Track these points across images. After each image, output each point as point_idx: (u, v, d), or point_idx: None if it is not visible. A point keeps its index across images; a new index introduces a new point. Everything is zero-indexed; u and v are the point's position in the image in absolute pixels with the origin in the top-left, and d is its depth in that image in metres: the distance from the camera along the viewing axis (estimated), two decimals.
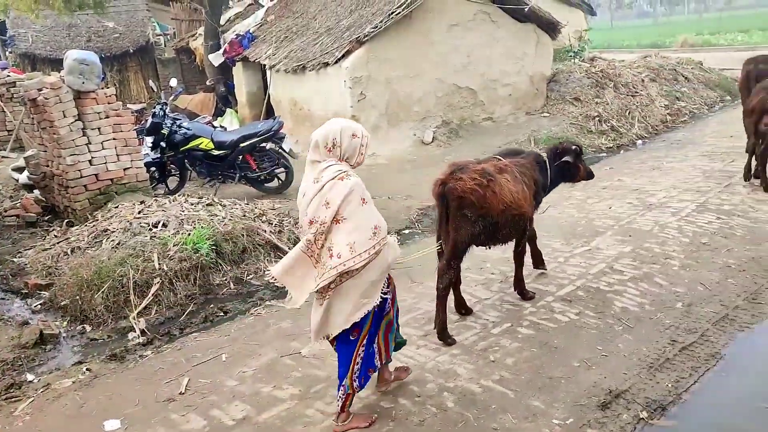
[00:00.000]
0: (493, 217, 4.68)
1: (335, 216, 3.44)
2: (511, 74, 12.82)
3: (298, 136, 12.60)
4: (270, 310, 5.83)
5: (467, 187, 4.54)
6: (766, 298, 5.28)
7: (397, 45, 11.21)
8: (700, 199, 7.76)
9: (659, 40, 34.91)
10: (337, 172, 3.51)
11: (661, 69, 15.71)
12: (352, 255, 3.43)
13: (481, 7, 12.06)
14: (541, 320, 5.04)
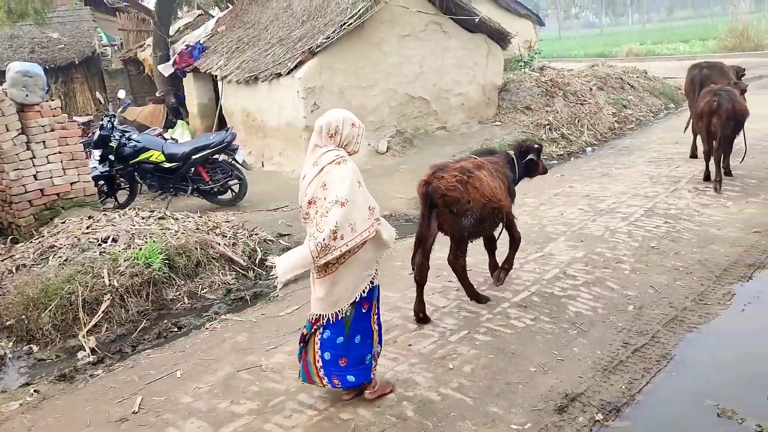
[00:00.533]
0: (476, 210, 5.05)
1: (337, 198, 3.66)
2: (464, 84, 12.97)
3: (252, 147, 12.49)
4: (225, 323, 5.72)
5: (450, 185, 4.91)
6: (713, 299, 5.45)
7: (350, 55, 11.23)
8: (648, 204, 7.96)
9: (606, 50, 35.88)
10: (335, 156, 3.78)
11: (608, 78, 16.13)
12: (353, 235, 3.70)
13: (433, 18, 12.18)
14: (497, 327, 5.08)
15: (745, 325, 5.08)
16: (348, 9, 11.21)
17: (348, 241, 3.69)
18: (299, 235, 7.82)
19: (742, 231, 6.94)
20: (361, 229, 3.73)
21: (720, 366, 4.52)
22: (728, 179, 8.70)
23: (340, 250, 3.69)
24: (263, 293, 6.45)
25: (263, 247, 7.29)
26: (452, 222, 5.05)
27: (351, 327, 3.96)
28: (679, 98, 17.17)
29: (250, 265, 6.96)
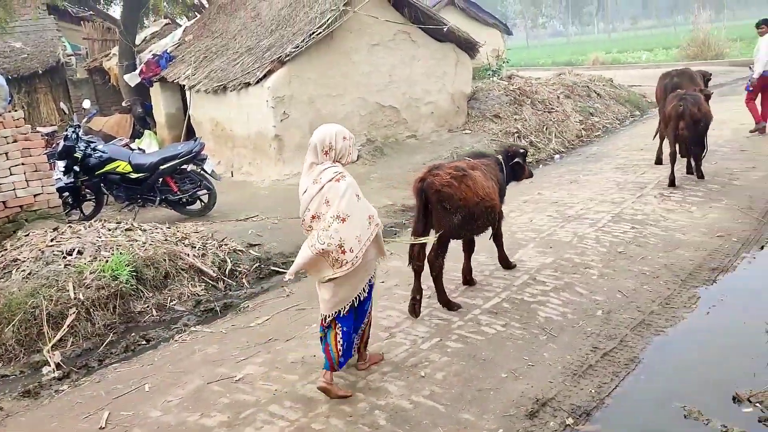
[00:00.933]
0: (470, 208, 5.26)
1: (338, 214, 4.00)
2: (433, 92, 13.06)
3: (221, 157, 12.40)
4: (195, 335, 5.65)
5: (444, 181, 5.11)
6: (679, 303, 5.54)
7: (320, 64, 11.23)
8: (615, 210, 8.08)
9: (572, 59, 36.50)
10: (334, 174, 4.08)
11: (575, 86, 16.38)
12: (360, 245, 4.08)
13: (401, 28, 12.25)
14: (469, 333, 5.10)
15: (709, 328, 5.18)
16: (317, 18, 11.23)
17: (358, 252, 4.07)
18: (269, 244, 7.79)
19: (705, 235, 7.08)
20: (365, 238, 4.13)
21: (686, 368, 4.60)
22: (692, 185, 8.89)
23: (353, 262, 4.06)
24: (233, 304, 6.40)
25: (233, 257, 7.23)
26: (442, 218, 5.20)
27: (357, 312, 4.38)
28: (644, 106, 17.51)
29: (219, 275, 6.89)
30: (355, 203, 4.09)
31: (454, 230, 5.33)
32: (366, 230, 4.14)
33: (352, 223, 4.05)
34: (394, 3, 12.13)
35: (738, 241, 6.90)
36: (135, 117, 15.17)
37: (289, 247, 7.82)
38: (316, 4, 11.81)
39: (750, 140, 11.34)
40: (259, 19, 13.44)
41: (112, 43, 17.43)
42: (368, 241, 4.15)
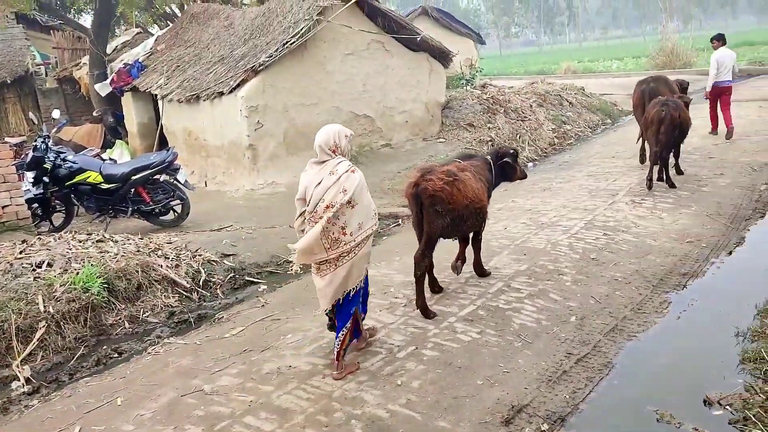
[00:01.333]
0: (459, 210, 5.49)
1: (350, 200, 4.37)
2: (407, 102, 13.12)
3: (194, 166, 12.30)
4: (168, 347, 5.58)
5: (437, 186, 5.31)
6: (650, 308, 5.62)
7: (294, 74, 11.22)
8: (588, 217, 8.17)
9: (545, 67, 36.98)
10: (349, 166, 4.48)
11: (548, 95, 16.59)
12: (360, 231, 4.45)
13: (375, 37, 12.31)
14: (444, 341, 5.10)
15: (680, 333, 5.26)
16: (290, 28, 11.22)
17: (356, 237, 4.43)
18: (244, 255, 7.75)
19: (676, 241, 7.20)
20: (367, 227, 4.50)
21: (658, 373, 4.65)
22: (662, 191, 9.04)
23: (349, 244, 4.43)
24: (208, 315, 6.34)
25: (207, 268, 7.16)
26: (434, 220, 5.40)
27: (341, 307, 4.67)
28: (615, 114, 17.81)
29: (193, 286, 6.83)
30: (365, 194, 4.52)
31: (445, 231, 5.56)
32: (369, 220, 4.51)
33: (358, 211, 4.43)
34: (368, 13, 12.18)
35: (707, 246, 7.03)
36: (106, 127, 14.98)
37: (264, 257, 7.80)
38: (289, 13, 11.81)
39: (717, 147, 11.57)
40: (232, 29, 13.40)
41: (83, 53, 17.22)
42: (369, 230, 4.52)
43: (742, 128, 12.96)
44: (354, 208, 4.42)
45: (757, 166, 10.21)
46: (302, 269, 7.42)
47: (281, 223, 9.04)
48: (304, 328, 5.59)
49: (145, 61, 14.50)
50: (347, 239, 4.42)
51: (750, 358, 4.58)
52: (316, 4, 11.24)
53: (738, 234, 7.44)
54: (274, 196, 10.55)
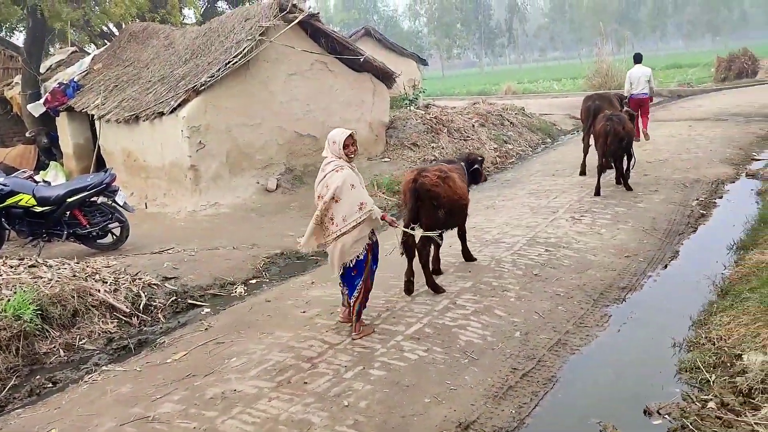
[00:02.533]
0: (449, 205, 6.25)
1: (333, 196, 5.19)
2: (351, 121, 13.14)
3: (134, 188, 12.00)
4: (107, 375, 5.37)
5: (433, 182, 6.09)
6: (592, 322, 5.75)
7: (237, 94, 11.11)
8: (530, 234, 8.32)
9: (486, 88, 37.77)
10: (335, 166, 5.28)
11: (489, 115, 16.92)
12: (345, 223, 5.25)
13: (318, 58, 12.33)
14: (391, 360, 5.09)
15: (621, 345, 5.39)
16: (233, 48, 11.14)
17: (341, 227, 5.26)
18: (186, 277, 7.59)
19: (614, 256, 7.40)
20: (351, 219, 5.24)
21: (600, 385, 4.76)
22: (601, 208, 9.30)
23: (336, 234, 5.28)
24: (148, 340, 6.15)
25: (148, 291, 6.97)
26: (431, 213, 6.15)
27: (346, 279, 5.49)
28: (554, 133, 18.30)
29: (133, 311, 6.63)
30: (348, 191, 5.23)
31: (439, 223, 6.25)
32: (354, 213, 5.24)
33: (342, 205, 5.22)
34: (311, 34, 12.21)
35: (644, 260, 7.26)
36: (40, 148, 14.47)
37: (207, 279, 7.64)
38: (231, 33, 11.73)
39: (651, 165, 12.01)
40: (172, 48, 13.20)
41: (15, 72, 16.62)
42: (354, 221, 5.24)
43: (674, 146, 13.52)
44: (338, 203, 5.23)
45: (689, 182, 10.64)
46: (246, 291, 7.35)
47: (224, 244, 8.89)
48: (248, 351, 5.47)
49: (81, 80, 14.11)
50: (334, 229, 5.29)
51: (686, 367, 4.73)
52: (259, 24, 11.20)
53: (672, 248, 7.72)
54: (218, 217, 10.38)
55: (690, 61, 45.07)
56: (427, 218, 6.15)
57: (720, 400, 4.14)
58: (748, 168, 11.70)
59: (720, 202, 9.63)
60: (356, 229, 5.27)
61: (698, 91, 27.01)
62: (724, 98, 23.09)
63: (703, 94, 25.84)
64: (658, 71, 38.75)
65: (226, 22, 12.34)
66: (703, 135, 15.13)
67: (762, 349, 4.39)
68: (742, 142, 14.16)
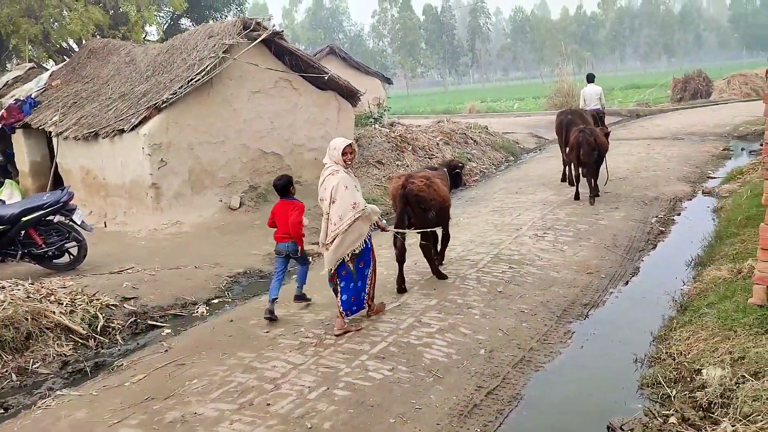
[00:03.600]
0: (434, 208, 6.86)
1: (331, 197, 5.81)
2: (316, 139, 13.12)
3: (93, 206, 11.75)
4: (61, 400, 5.19)
5: (420, 188, 6.71)
6: (555, 338, 5.78)
7: (199, 111, 11.00)
8: (494, 251, 8.37)
9: (450, 107, 38.14)
10: (331, 171, 5.91)
11: (453, 133, 17.08)
12: (341, 222, 5.80)
13: (283, 75, 12.30)
14: (356, 380, 5.03)
15: (584, 361, 5.43)
16: (195, 65, 11.04)
17: (339, 226, 5.80)
18: (147, 297, 7.44)
19: (577, 273, 7.48)
20: (346, 218, 5.79)
21: (564, 402, 4.77)
22: (563, 226, 9.41)
23: (335, 232, 5.82)
24: (106, 363, 5.99)
25: (106, 312, 6.79)
26: (421, 216, 6.80)
27: (356, 276, 6.01)
28: (517, 151, 18.54)
29: (90, 333, 6.45)
30: (342, 192, 5.80)
31: (428, 224, 6.88)
32: (348, 212, 5.78)
33: (337, 205, 5.81)
34: (275, 51, 12.18)
35: (606, 277, 7.35)
36: None
37: (168, 299, 7.50)
38: (194, 50, 11.63)
39: (612, 182, 12.22)
40: (133, 65, 13.03)
41: None
42: (350, 219, 5.77)
43: (633, 165, 13.80)
44: (335, 204, 5.81)
45: (648, 200, 10.86)
46: (208, 311, 7.22)
47: (186, 263, 8.74)
48: (210, 373, 5.35)
49: (39, 97, 13.81)
50: (332, 228, 5.84)
51: (648, 383, 4.78)
52: (222, 42, 11.13)
53: (633, 265, 7.84)
54: (179, 236, 10.20)
55: (647, 81, 46.32)
56: (416, 220, 6.82)
57: (681, 415, 4.18)
58: (704, 186, 12.02)
59: (678, 219, 9.84)
60: (353, 226, 5.81)
61: (656, 110, 27.69)
62: (680, 118, 23.74)
63: (660, 114, 26.51)
64: (617, 91, 39.84)
65: (188, 40, 12.23)
66: (661, 153, 15.50)
67: (720, 364, 4.46)
68: (698, 161, 14.55)
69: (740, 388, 4.15)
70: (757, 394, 4.00)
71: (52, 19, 16.80)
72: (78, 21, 15.23)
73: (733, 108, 25.30)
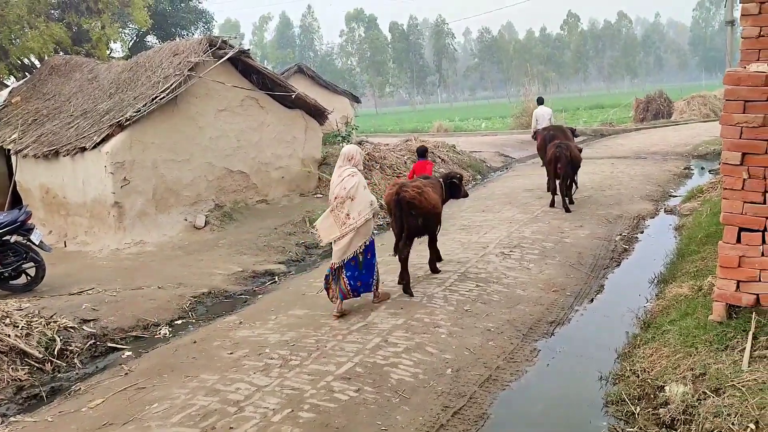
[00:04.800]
0: (424, 215, 7.43)
1: (348, 195, 6.60)
2: (283, 157, 13.07)
3: (52, 226, 11.50)
4: (15, 427, 5.01)
5: (413, 195, 7.28)
6: (521, 357, 5.78)
7: (164, 129, 10.87)
8: (461, 270, 8.36)
9: (418, 126, 38.42)
10: (351, 172, 6.74)
11: None
12: (359, 217, 6.62)
13: (249, 94, 12.25)
14: (321, 402, 4.95)
15: (549, 380, 5.43)
16: (160, 83, 10.94)
17: (357, 221, 6.62)
18: (107, 319, 7.27)
19: (543, 291, 7.52)
20: (363, 214, 6.64)
21: (530, 421, 4.76)
22: (529, 244, 9.47)
23: (353, 226, 6.61)
24: (63, 387, 5.81)
25: (63, 335, 6.60)
26: (411, 221, 7.34)
27: (363, 265, 6.82)
28: (484, 170, 18.68)
29: (47, 356, 6.26)
30: (361, 191, 6.67)
31: (418, 229, 7.52)
32: (366, 208, 6.65)
33: (356, 203, 6.61)
34: (242, 70, 12.14)
35: (571, 295, 7.40)
36: None
37: (129, 321, 7.33)
38: (159, 68, 11.52)
39: (577, 201, 12.37)
40: (96, 82, 12.85)
41: None
42: (366, 215, 6.65)
43: (597, 183, 14.00)
44: (353, 201, 6.60)
45: (612, 218, 11.01)
46: (171, 332, 7.07)
47: (149, 283, 8.56)
48: (171, 396, 5.22)
49: None
50: (350, 222, 6.59)
51: (612, 400, 4.80)
52: (188, 60, 11.05)
53: (598, 282, 7.92)
54: (142, 256, 10.01)
55: (611, 101, 47.34)
56: (407, 225, 7.32)
57: None
58: (666, 204, 12.25)
59: (642, 237, 9.99)
60: (368, 221, 6.70)
61: (619, 130, 28.24)
62: (643, 137, 24.24)
63: (624, 134, 27.03)
64: (582, 111, 40.59)
65: (153, 57, 12.12)
66: (625, 172, 15.77)
67: (682, 381, 4.50)
68: (660, 180, 14.84)
69: (702, 405, 4.18)
70: (718, 410, 4.03)
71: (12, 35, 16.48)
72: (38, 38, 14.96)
73: (693, 128, 25.96)
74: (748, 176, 4.91)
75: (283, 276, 9.31)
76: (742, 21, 5.52)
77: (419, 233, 7.68)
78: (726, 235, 5.09)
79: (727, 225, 5.09)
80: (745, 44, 5.51)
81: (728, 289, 5.08)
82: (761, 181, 4.87)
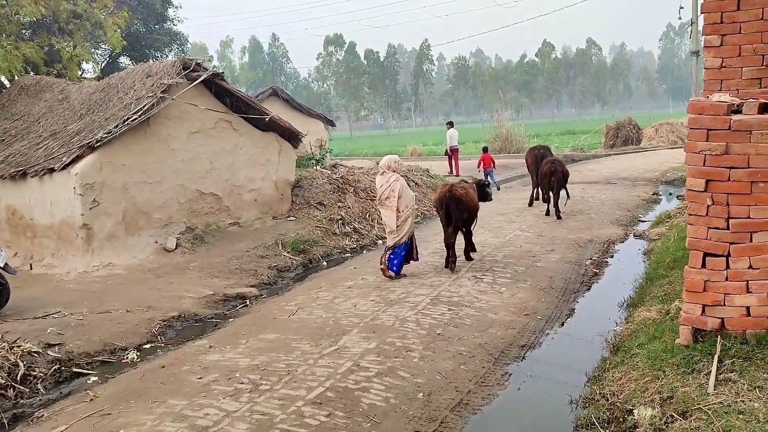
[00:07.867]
0: (468, 209, 9.38)
1: (398, 195, 8.83)
2: (257, 180, 13.03)
3: (18, 248, 11.28)
4: None
5: (462, 193, 9.24)
6: (493, 381, 5.79)
7: (136, 151, 10.77)
8: (434, 293, 8.37)
9: (393, 149, 38.55)
10: (395, 177, 9.01)
11: None
12: (407, 209, 8.94)
13: (223, 116, 12.22)
14: (291, 427, 4.89)
15: (520, 403, 5.44)
16: (132, 104, 10.86)
17: (405, 213, 8.91)
18: (73, 343, 7.12)
19: (514, 314, 7.56)
20: (409, 207, 8.95)
21: None
22: (501, 267, 9.54)
23: (402, 216, 8.87)
24: (25, 414, 5.65)
25: (27, 360, 6.44)
26: (458, 215, 9.19)
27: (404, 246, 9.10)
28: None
29: (9, 382, 6.09)
30: (407, 190, 9.09)
31: (463, 221, 9.38)
32: (411, 202, 9.03)
33: (403, 199, 8.90)
34: (216, 92, 12.12)
35: (542, 318, 7.45)
36: None
37: (96, 345, 7.19)
38: (131, 89, 11.45)
39: (547, 226, 12.53)
40: (67, 103, 12.72)
41: None
42: (411, 208, 9.00)
43: (569, 208, 14.18)
44: (401, 198, 8.84)
45: (582, 242, 11.15)
46: (139, 357, 6.95)
47: (117, 307, 8.41)
48: (138, 422, 5.11)
49: None
50: (401, 215, 8.87)
51: (582, 424, 4.81)
52: (161, 82, 11.01)
53: (569, 306, 7.99)
54: (111, 278, 9.84)
55: (582, 128, 48.18)
56: (455, 217, 9.15)
57: None
58: (636, 229, 12.46)
59: (611, 261, 10.13)
60: (412, 214, 9.02)
61: (590, 155, 28.73)
62: (613, 163, 24.68)
63: (594, 159, 27.50)
64: (554, 137, 41.20)
65: (126, 78, 12.06)
66: (595, 197, 16.02)
67: (651, 404, 4.54)
68: (630, 205, 15.10)
69: (670, 428, 4.22)
70: None
71: None
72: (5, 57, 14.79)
73: (661, 154, 26.53)
74: (711, 203, 5.01)
75: (255, 299, 9.23)
76: (705, 52, 5.70)
77: (463, 225, 9.46)
78: (691, 260, 5.18)
79: (692, 250, 5.19)
80: (708, 74, 5.68)
81: (694, 313, 5.16)
82: (724, 207, 4.98)
